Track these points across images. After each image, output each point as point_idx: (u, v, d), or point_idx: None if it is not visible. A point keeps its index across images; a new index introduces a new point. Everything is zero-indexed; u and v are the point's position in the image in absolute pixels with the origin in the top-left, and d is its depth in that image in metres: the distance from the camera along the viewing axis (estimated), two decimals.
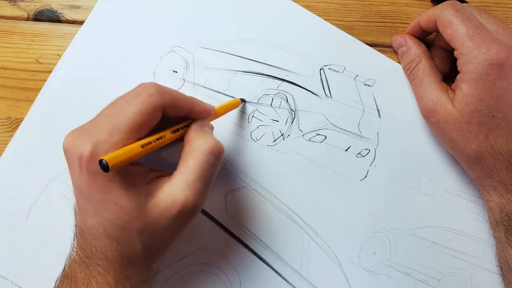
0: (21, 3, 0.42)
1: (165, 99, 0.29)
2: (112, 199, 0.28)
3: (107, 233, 0.28)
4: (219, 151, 0.30)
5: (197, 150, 0.29)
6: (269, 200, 0.38)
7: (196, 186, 0.28)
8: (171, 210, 0.28)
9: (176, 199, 0.28)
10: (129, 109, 0.28)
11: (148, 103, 0.28)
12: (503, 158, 0.33)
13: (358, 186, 0.39)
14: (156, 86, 0.29)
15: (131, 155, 0.27)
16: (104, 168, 0.25)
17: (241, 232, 0.38)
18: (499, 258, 0.36)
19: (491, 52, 0.32)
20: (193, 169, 0.28)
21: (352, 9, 0.42)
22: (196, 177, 0.28)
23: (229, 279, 0.37)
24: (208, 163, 0.29)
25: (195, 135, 0.30)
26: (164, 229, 0.29)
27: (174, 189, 0.28)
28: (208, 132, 0.31)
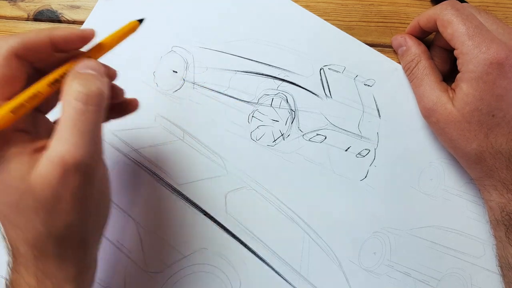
0: (21, 3, 0.42)
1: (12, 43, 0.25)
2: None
3: (7, 219, 0.25)
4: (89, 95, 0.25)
5: (66, 99, 0.25)
6: (269, 200, 0.38)
7: (70, 137, 0.24)
8: (54, 174, 0.24)
9: (54, 161, 0.24)
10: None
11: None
12: (504, 158, 0.33)
13: (358, 186, 0.39)
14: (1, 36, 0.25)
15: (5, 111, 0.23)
16: None
17: (241, 232, 0.38)
18: (499, 258, 0.36)
19: (491, 51, 0.32)
20: (65, 122, 0.24)
21: (352, 9, 0.42)
22: (67, 128, 0.24)
23: (229, 279, 0.37)
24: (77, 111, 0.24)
25: (69, 81, 0.25)
26: (57, 199, 0.24)
27: (50, 152, 0.24)
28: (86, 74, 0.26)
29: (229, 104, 0.39)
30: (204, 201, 0.38)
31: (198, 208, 0.38)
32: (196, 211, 0.38)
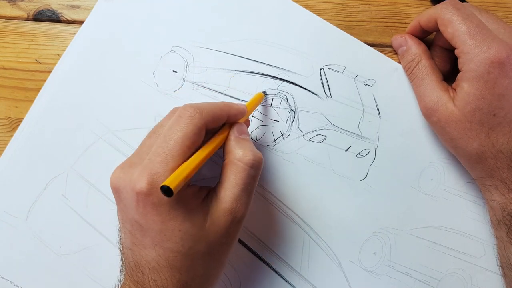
0: (21, 3, 0.42)
1: (205, 117, 0.30)
2: (176, 227, 0.28)
3: (170, 264, 0.28)
4: (259, 162, 0.31)
5: (238, 164, 0.30)
6: (269, 200, 0.38)
7: (241, 197, 0.30)
8: (225, 225, 0.29)
9: (227, 213, 0.29)
10: (175, 134, 0.28)
11: (192, 125, 0.29)
12: (505, 157, 0.33)
13: (358, 186, 0.39)
14: (193, 106, 0.30)
15: (188, 172, 0.27)
16: (167, 193, 0.25)
17: (241, 232, 0.38)
18: (500, 258, 0.35)
19: (492, 50, 0.32)
20: (237, 182, 0.30)
21: (352, 9, 0.42)
22: (240, 190, 0.29)
23: (229, 279, 0.37)
24: (249, 175, 0.30)
25: (234, 146, 0.31)
26: (222, 245, 0.30)
27: (224, 205, 0.29)
28: (246, 141, 0.32)
29: None
30: None
31: None
32: None
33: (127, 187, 0.28)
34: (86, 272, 0.37)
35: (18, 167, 0.38)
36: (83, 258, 0.37)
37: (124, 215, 0.29)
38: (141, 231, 0.28)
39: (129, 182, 0.28)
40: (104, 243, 0.38)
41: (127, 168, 0.29)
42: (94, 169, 0.38)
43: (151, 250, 0.28)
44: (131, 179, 0.28)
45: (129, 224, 0.29)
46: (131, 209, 0.28)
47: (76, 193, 0.38)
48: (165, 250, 0.28)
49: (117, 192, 0.29)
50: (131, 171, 0.28)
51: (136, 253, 0.29)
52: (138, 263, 0.29)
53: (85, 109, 0.39)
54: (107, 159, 0.38)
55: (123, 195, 0.28)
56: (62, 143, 0.39)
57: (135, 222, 0.28)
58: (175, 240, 0.28)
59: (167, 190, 0.25)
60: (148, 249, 0.28)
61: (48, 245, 0.37)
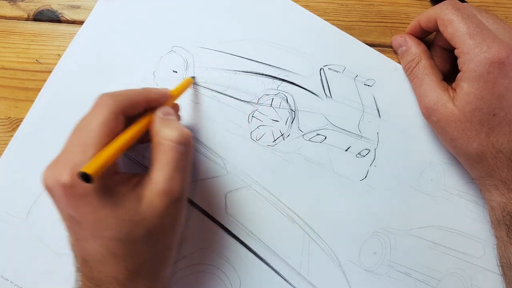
0: (21, 3, 0.42)
1: (120, 102, 0.30)
2: (109, 214, 0.27)
3: (112, 253, 0.28)
4: (187, 138, 0.30)
5: (164, 143, 0.29)
6: (269, 200, 0.38)
7: (174, 176, 0.29)
8: (162, 206, 0.29)
9: (162, 194, 0.29)
10: (92, 124, 0.29)
11: (107, 111, 0.29)
12: (505, 157, 0.33)
13: (358, 186, 0.39)
14: (107, 94, 0.30)
15: (106, 157, 0.27)
16: (87, 180, 0.25)
17: (241, 232, 0.38)
18: (500, 258, 0.35)
19: (492, 50, 0.32)
20: (167, 162, 0.29)
21: (352, 9, 0.42)
22: (171, 168, 0.29)
23: (229, 279, 0.37)
24: (178, 152, 0.29)
25: (159, 126, 0.31)
26: (163, 226, 0.29)
27: (157, 186, 0.29)
28: (171, 120, 0.31)
29: (229, 104, 0.39)
30: (204, 201, 0.38)
31: (198, 208, 0.38)
32: (196, 211, 0.38)
33: (54, 183, 0.27)
34: None
35: (18, 167, 0.38)
36: None
37: (60, 212, 0.29)
38: (78, 225, 0.28)
39: (55, 178, 0.27)
40: None
41: (53, 165, 0.29)
42: None
43: (92, 242, 0.28)
44: (55, 174, 0.27)
45: (67, 220, 0.29)
46: (63, 204, 0.28)
47: None
48: (104, 239, 0.28)
49: (49, 191, 0.29)
50: (55, 167, 0.28)
51: (80, 248, 0.29)
52: (84, 257, 0.29)
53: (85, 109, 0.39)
54: None
55: (54, 192, 0.28)
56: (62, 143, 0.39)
57: (70, 217, 0.28)
58: (111, 228, 0.27)
59: (87, 177, 0.25)
60: (89, 241, 0.28)
61: (48, 245, 0.37)
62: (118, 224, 0.28)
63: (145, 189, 0.29)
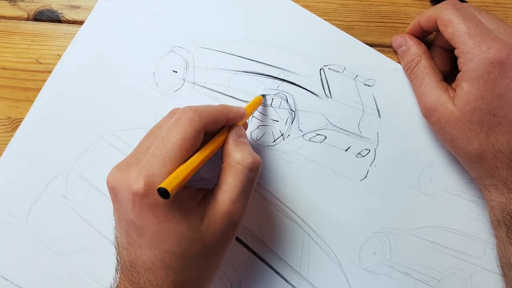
0: (21, 3, 0.42)
1: (204, 120, 0.30)
2: (171, 228, 0.28)
3: (165, 265, 0.28)
4: (258, 165, 0.31)
5: (236, 166, 0.30)
6: (269, 200, 0.38)
7: (239, 200, 0.30)
8: (222, 227, 0.29)
9: (224, 216, 0.29)
10: (174, 137, 0.28)
11: (191, 127, 0.29)
12: (505, 157, 0.33)
13: (358, 186, 0.39)
14: (192, 109, 0.30)
15: (185, 175, 0.27)
16: (164, 195, 0.25)
17: (241, 232, 0.38)
18: (500, 258, 0.35)
19: (492, 50, 0.32)
20: (235, 185, 0.29)
21: (352, 9, 0.42)
22: (238, 193, 0.29)
23: (229, 279, 0.37)
24: (247, 178, 0.30)
25: (233, 149, 0.31)
26: (218, 246, 0.30)
27: (221, 207, 0.29)
28: (244, 144, 0.32)
29: None
30: None
31: None
32: None
33: (124, 187, 0.28)
34: (86, 272, 0.37)
35: (18, 167, 0.38)
36: (83, 258, 0.37)
37: (120, 215, 0.29)
38: (137, 232, 0.28)
39: (125, 183, 0.28)
40: (104, 243, 0.38)
41: (124, 168, 0.29)
42: (94, 169, 0.38)
43: (147, 250, 0.28)
44: (128, 180, 0.28)
45: (125, 224, 0.29)
46: (127, 209, 0.28)
47: (76, 193, 0.38)
48: (161, 251, 0.28)
49: (114, 192, 0.29)
50: (128, 172, 0.28)
51: (131, 253, 0.29)
52: (134, 262, 0.29)
53: (85, 109, 0.39)
54: (107, 159, 0.38)
55: (119, 195, 0.28)
56: (62, 143, 0.39)
57: (131, 222, 0.28)
58: (170, 242, 0.28)
59: (164, 192, 0.25)
60: (144, 249, 0.28)
61: (48, 245, 0.37)
62: (178, 239, 0.28)
63: (209, 208, 0.29)
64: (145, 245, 0.28)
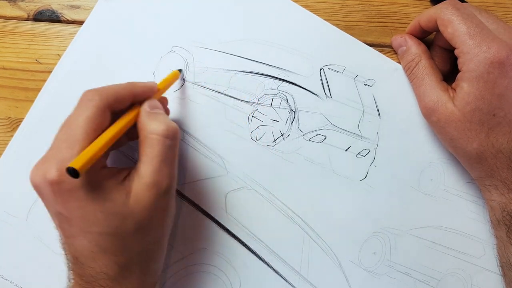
0: (21, 3, 0.42)
1: (105, 98, 0.30)
2: (97, 209, 0.27)
3: (101, 248, 0.28)
4: (173, 131, 0.30)
5: (151, 136, 0.30)
6: (269, 200, 0.38)
7: (162, 169, 0.29)
8: (150, 199, 0.29)
9: (150, 187, 0.29)
10: (78, 120, 0.29)
11: (93, 107, 0.29)
12: (505, 157, 0.33)
13: (358, 186, 0.39)
14: (92, 90, 0.30)
15: (93, 152, 0.27)
16: (74, 174, 0.25)
17: (241, 232, 0.38)
18: (500, 258, 0.35)
19: (492, 50, 0.32)
20: (154, 155, 0.29)
21: (352, 9, 0.42)
22: (159, 162, 0.29)
23: (229, 279, 0.37)
24: (165, 146, 0.30)
25: (146, 120, 0.31)
26: (151, 219, 0.29)
27: (145, 179, 0.29)
28: (158, 114, 0.31)
29: (229, 104, 0.39)
30: (204, 201, 0.38)
31: (198, 208, 0.38)
32: (196, 211, 0.38)
33: (41, 180, 0.27)
34: None
35: (18, 167, 0.38)
36: None
37: (49, 210, 0.29)
38: (67, 222, 0.28)
39: (41, 175, 0.27)
40: None
41: (40, 162, 0.29)
42: None
43: (82, 238, 0.28)
44: (43, 171, 0.27)
45: (56, 218, 0.29)
46: (51, 201, 0.28)
47: None
48: (93, 234, 0.28)
49: (37, 189, 0.29)
50: (43, 164, 0.28)
51: (70, 246, 0.29)
52: (75, 255, 0.29)
53: None
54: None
55: (42, 190, 0.28)
56: None
57: (59, 214, 0.28)
58: (99, 223, 0.27)
59: (73, 172, 0.25)
60: (79, 238, 0.28)
61: (48, 245, 0.37)
62: (107, 218, 0.28)
63: (133, 183, 0.29)
64: (78, 233, 0.28)
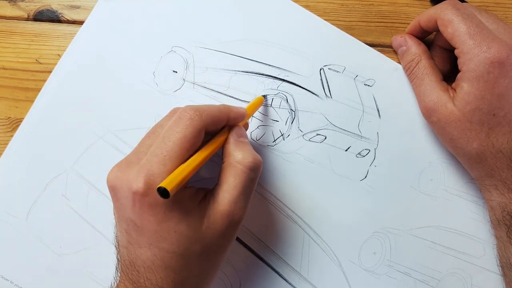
0: (21, 3, 0.42)
1: (205, 119, 0.30)
2: (171, 228, 0.28)
3: (165, 264, 0.28)
4: (258, 165, 0.31)
5: (237, 166, 0.30)
6: (269, 200, 0.38)
7: (240, 200, 0.29)
8: (222, 228, 0.29)
9: (224, 216, 0.29)
10: (174, 136, 0.28)
11: (192, 127, 0.29)
12: (505, 157, 0.33)
13: (358, 186, 0.39)
14: (193, 108, 0.30)
15: (185, 174, 0.27)
16: (164, 195, 0.25)
17: (241, 232, 0.38)
18: (500, 258, 0.35)
19: (492, 50, 0.32)
20: (235, 185, 0.29)
21: (352, 9, 0.42)
22: (238, 193, 0.29)
23: (229, 279, 0.37)
24: (248, 178, 0.30)
25: (234, 149, 0.31)
26: (218, 247, 0.30)
27: (221, 207, 0.29)
28: (245, 144, 0.32)
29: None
30: None
31: None
32: None
33: (124, 186, 0.28)
34: (86, 272, 0.37)
35: (18, 167, 0.38)
36: (83, 258, 0.37)
37: (120, 213, 0.29)
38: (137, 231, 0.28)
39: (126, 182, 0.28)
40: (104, 243, 0.38)
41: (125, 167, 0.29)
42: (94, 169, 0.38)
43: (147, 249, 0.28)
44: (128, 179, 0.28)
45: (125, 223, 0.29)
46: (127, 208, 0.28)
47: (76, 193, 0.38)
48: (161, 250, 0.28)
49: (114, 191, 0.29)
50: (128, 171, 0.28)
51: (131, 252, 0.29)
52: (133, 261, 0.29)
53: (85, 109, 0.39)
54: (107, 159, 0.38)
55: (119, 194, 0.28)
56: (62, 143, 0.39)
57: (131, 222, 0.28)
58: (170, 241, 0.28)
59: (163, 192, 0.25)
60: (144, 249, 0.28)
61: (48, 245, 0.37)
62: (178, 239, 0.28)
63: (209, 209, 0.29)
64: (145, 244, 0.28)
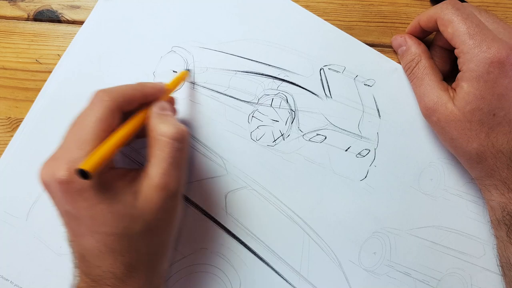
0: (21, 3, 0.42)
1: (116, 98, 0.30)
2: (106, 209, 0.28)
3: (109, 249, 0.28)
4: (182, 134, 0.31)
5: (161, 139, 0.30)
6: (269, 200, 0.38)
7: (171, 172, 0.30)
8: (158, 201, 0.29)
9: (158, 189, 0.29)
10: (88, 120, 0.29)
11: (103, 108, 0.29)
12: (505, 157, 0.33)
13: (358, 186, 0.39)
14: (103, 91, 0.30)
15: (103, 154, 0.27)
16: (85, 177, 0.25)
17: (241, 232, 0.38)
18: (500, 258, 0.35)
19: (492, 50, 0.32)
20: (163, 157, 0.29)
21: (352, 9, 0.42)
22: (168, 164, 0.29)
23: (229, 279, 0.37)
24: (174, 148, 0.30)
25: (155, 122, 0.31)
26: (160, 221, 0.30)
27: (154, 181, 0.29)
28: (167, 115, 0.32)
29: (229, 104, 0.39)
30: (204, 201, 0.38)
31: (198, 208, 0.38)
32: (196, 211, 0.38)
33: (51, 179, 0.28)
34: None
35: (18, 167, 0.38)
36: None
37: (57, 207, 0.30)
38: (75, 221, 0.28)
39: (51, 174, 0.28)
40: None
41: (50, 161, 0.29)
42: None
43: (90, 237, 0.28)
44: (52, 171, 0.28)
45: (64, 216, 0.29)
46: (60, 200, 0.28)
47: None
48: (101, 234, 0.28)
49: (46, 187, 0.29)
50: (52, 163, 0.28)
51: (77, 244, 0.29)
52: (82, 253, 0.29)
53: None
54: None
55: (51, 188, 0.28)
56: None
57: (67, 213, 0.29)
58: (108, 223, 0.28)
59: (84, 174, 0.25)
60: (87, 237, 0.28)
61: (48, 245, 0.37)
62: (115, 219, 0.28)
63: (142, 184, 0.29)
64: (86, 233, 0.28)
